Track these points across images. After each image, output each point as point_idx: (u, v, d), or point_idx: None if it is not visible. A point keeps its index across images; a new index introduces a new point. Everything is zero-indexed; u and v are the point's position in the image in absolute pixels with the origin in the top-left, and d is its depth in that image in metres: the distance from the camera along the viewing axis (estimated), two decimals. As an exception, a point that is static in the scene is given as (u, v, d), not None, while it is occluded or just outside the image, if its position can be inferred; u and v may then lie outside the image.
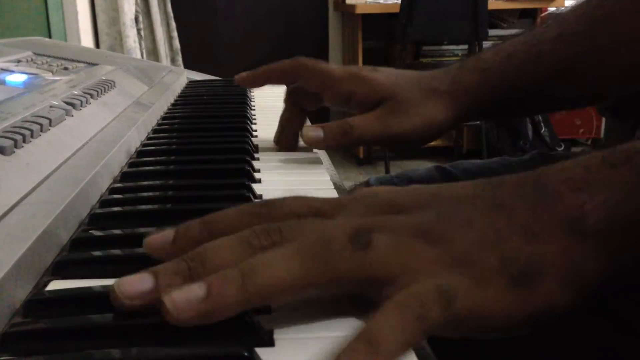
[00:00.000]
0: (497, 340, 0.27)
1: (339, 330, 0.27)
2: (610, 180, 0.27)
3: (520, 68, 0.55)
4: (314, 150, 0.58)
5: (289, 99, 0.58)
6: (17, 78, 0.61)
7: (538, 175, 0.29)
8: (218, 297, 0.25)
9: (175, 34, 2.84)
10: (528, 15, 3.35)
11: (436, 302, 0.24)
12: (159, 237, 0.30)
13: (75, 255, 0.33)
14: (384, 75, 0.55)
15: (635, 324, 0.39)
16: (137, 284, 0.26)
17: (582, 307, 0.27)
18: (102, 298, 0.29)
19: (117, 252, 0.33)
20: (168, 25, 2.84)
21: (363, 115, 0.54)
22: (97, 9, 2.64)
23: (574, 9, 0.57)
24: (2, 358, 0.25)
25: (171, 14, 2.83)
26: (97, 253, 0.33)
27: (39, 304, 0.28)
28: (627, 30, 0.53)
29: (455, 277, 0.25)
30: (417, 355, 0.25)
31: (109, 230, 0.37)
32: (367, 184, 0.74)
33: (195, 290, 0.25)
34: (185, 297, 0.25)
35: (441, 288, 0.25)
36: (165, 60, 2.76)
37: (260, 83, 0.61)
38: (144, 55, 2.72)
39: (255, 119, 0.71)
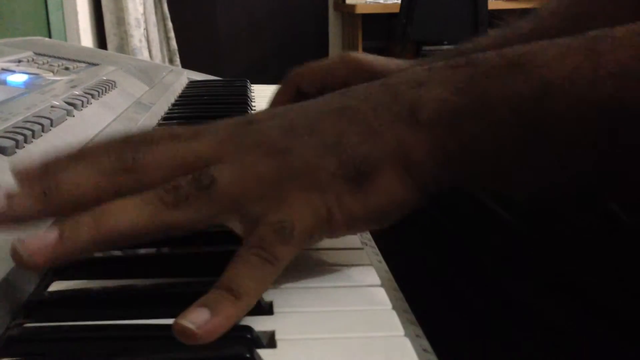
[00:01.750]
0: (499, 340, 0.27)
1: (340, 331, 0.27)
2: (447, 79, 0.30)
3: None
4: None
5: (288, 80, 0.58)
6: (18, 78, 0.61)
7: (386, 78, 0.31)
8: (69, 240, 0.26)
9: (172, 34, 2.84)
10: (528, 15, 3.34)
11: (276, 242, 0.27)
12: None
13: (77, 256, 0.33)
14: (375, 58, 0.57)
15: (636, 324, 0.39)
16: (38, 238, 0.26)
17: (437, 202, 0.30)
18: (103, 299, 0.29)
19: (118, 252, 0.33)
20: (165, 26, 2.83)
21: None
22: (104, 9, 2.64)
23: (549, 5, 0.57)
24: (3, 359, 0.25)
25: (168, 15, 2.83)
26: (98, 254, 0.33)
27: (41, 304, 0.28)
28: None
29: (297, 198, 0.27)
30: (418, 355, 0.25)
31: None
32: None
33: (48, 236, 0.26)
34: (37, 243, 0.26)
35: (276, 227, 0.27)
36: (160, 61, 2.76)
37: None
38: (152, 55, 2.72)
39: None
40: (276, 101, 0.58)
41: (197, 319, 0.24)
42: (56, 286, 0.30)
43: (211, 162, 0.28)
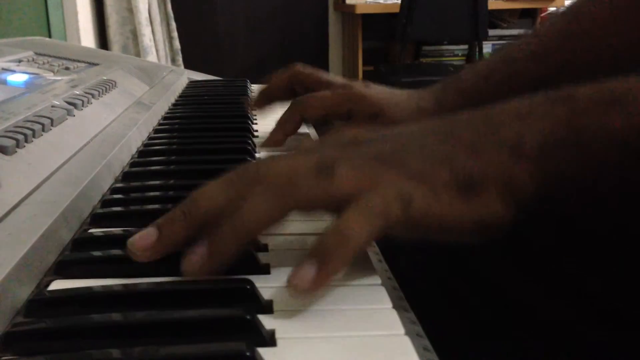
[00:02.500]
0: (499, 340, 0.27)
1: (340, 330, 0.27)
2: (548, 113, 0.32)
3: (497, 88, 0.57)
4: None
5: (293, 110, 0.60)
6: (18, 78, 0.61)
7: (487, 109, 0.34)
8: (218, 254, 0.30)
9: (175, 34, 2.84)
10: (528, 15, 3.35)
11: (396, 202, 0.29)
12: (142, 239, 0.31)
13: (77, 255, 0.33)
14: (376, 92, 0.59)
15: (637, 324, 0.39)
16: (144, 238, 0.31)
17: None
18: (103, 298, 0.29)
19: (118, 252, 0.33)
20: (168, 25, 2.83)
21: (361, 129, 0.56)
22: (109, 9, 2.63)
23: (549, 24, 0.58)
24: (4, 358, 0.25)
25: (171, 15, 2.83)
26: (98, 253, 0.33)
27: (41, 303, 0.28)
28: (603, 46, 0.54)
29: (412, 185, 0.30)
30: (419, 354, 0.25)
31: (110, 230, 0.37)
32: None
33: (198, 252, 0.30)
34: (190, 266, 0.30)
35: (401, 191, 0.30)
36: (163, 60, 2.76)
37: (263, 103, 0.66)
38: (159, 55, 2.71)
39: (256, 119, 0.71)
40: (283, 131, 0.60)
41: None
42: (56, 285, 0.30)
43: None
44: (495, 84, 0.57)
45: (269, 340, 0.26)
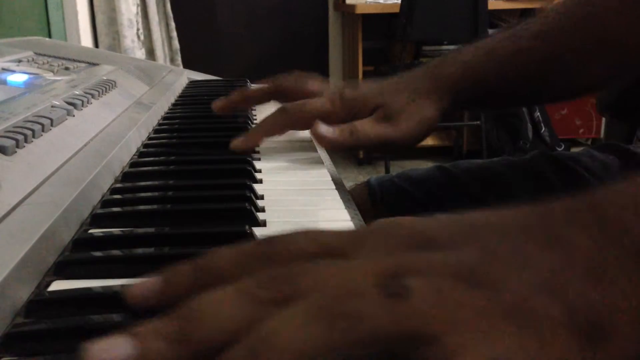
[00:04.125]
0: None
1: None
2: None
3: (499, 64, 0.56)
4: (317, 150, 0.58)
5: (279, 119, 0.58)
6: (18, 78, 0.61)
7: (593, 199, 0.24)
8: None
9: (174, 34, 2.84)
10: (528, 15, 3.34)
11: None
12: (143, 287, 0.25)
13: (77, 256, 0.33)
14: (368, 88, 0.58)
15: None
16: (111, 349, 0.21)
17: None
18: (103, 298, 0.29)
19: (118, 252, 0.33)
20: (167, 25, 2.84)
21: (364, 120, 0.56)
22: (96, 9, 2.64)
23: (558, 6, 0.58)
24: (4, 358, 0.25)
25: (170, 15, 2.83)
26: (98, 253, 0.33)
27: (41, 304, 0.28)
28: (612, 29, 0.54)
29: (511, 339, 0.20)
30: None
31: (110, 231, 0.37)
32: (368, 183, 0.74)
33: None
34: None
35: (493, 346, 0.20)
36: (162, 60, 2.76)
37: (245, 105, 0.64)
38: (145, 56, 2.72)
39: (256, 119, 0.71)
40: (264, 135, 0.58)
41: None
42: (56, 286, 0.30)
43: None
44: (498, 59, 0.56)
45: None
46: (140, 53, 2.68)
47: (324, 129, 0.54)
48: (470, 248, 0.23)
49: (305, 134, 0.65)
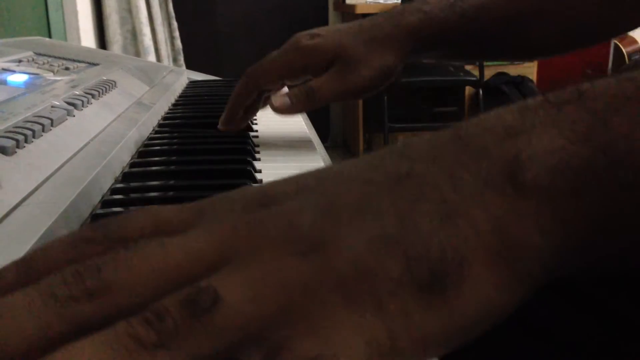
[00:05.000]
0: (499, 340, 0.26)
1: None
2: (555, 120, 0.20)
3: (462, 18, 0.57)
4: (317, 150, 0.58)
5: (247, 82, 0.58)
6: (18, 78, 0.61)
7: (457, 128, 0.22)
8: None
9: (177, 34, 2.84)
10: None
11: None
12: None
13: (77, 256, 0.33)
14: (325, 38, 0.58)
15: (635, 320, 0.39)
16: None
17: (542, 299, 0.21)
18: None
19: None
20: (170, 25, 2.84)
21: (320, 78, 0.57)
22: (108, 10, 2.64)
23: None
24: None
25: (173, 14, 2.83)
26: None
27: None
28: None
29: (336, 317, 0.18)
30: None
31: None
32: None
33: None
34: None
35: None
36: (166, 60, 2.76)
37: (232, 118, 0.61)
38: (160, 55, 2.72)
39: (255, 119, 0.71)
40: (237, 104, 0.59)
41: None
42: (57, 286, 0.30)
43: (212, 267, 0.19)
44: (461, 12, 0.57)
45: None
46: (154, 52, 2.68)
47: (279, 101, 0.56)
48: (303, 203, 0.21)
49: (306, 134, 0.65)
